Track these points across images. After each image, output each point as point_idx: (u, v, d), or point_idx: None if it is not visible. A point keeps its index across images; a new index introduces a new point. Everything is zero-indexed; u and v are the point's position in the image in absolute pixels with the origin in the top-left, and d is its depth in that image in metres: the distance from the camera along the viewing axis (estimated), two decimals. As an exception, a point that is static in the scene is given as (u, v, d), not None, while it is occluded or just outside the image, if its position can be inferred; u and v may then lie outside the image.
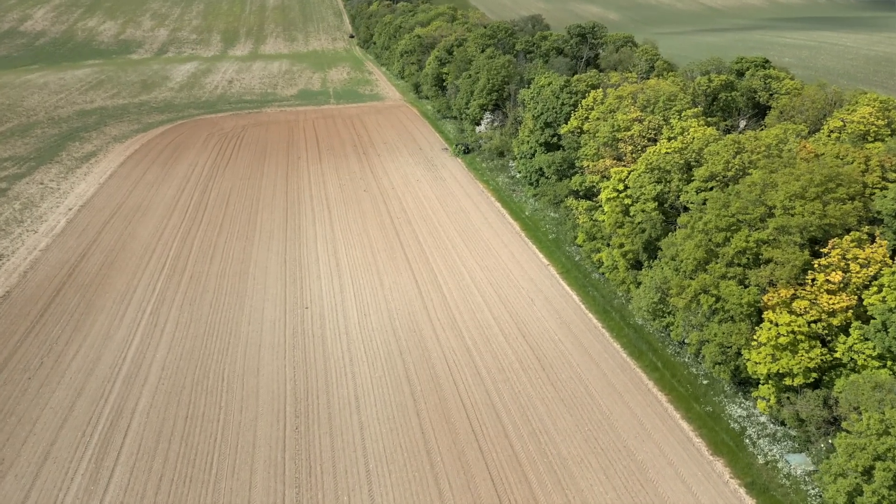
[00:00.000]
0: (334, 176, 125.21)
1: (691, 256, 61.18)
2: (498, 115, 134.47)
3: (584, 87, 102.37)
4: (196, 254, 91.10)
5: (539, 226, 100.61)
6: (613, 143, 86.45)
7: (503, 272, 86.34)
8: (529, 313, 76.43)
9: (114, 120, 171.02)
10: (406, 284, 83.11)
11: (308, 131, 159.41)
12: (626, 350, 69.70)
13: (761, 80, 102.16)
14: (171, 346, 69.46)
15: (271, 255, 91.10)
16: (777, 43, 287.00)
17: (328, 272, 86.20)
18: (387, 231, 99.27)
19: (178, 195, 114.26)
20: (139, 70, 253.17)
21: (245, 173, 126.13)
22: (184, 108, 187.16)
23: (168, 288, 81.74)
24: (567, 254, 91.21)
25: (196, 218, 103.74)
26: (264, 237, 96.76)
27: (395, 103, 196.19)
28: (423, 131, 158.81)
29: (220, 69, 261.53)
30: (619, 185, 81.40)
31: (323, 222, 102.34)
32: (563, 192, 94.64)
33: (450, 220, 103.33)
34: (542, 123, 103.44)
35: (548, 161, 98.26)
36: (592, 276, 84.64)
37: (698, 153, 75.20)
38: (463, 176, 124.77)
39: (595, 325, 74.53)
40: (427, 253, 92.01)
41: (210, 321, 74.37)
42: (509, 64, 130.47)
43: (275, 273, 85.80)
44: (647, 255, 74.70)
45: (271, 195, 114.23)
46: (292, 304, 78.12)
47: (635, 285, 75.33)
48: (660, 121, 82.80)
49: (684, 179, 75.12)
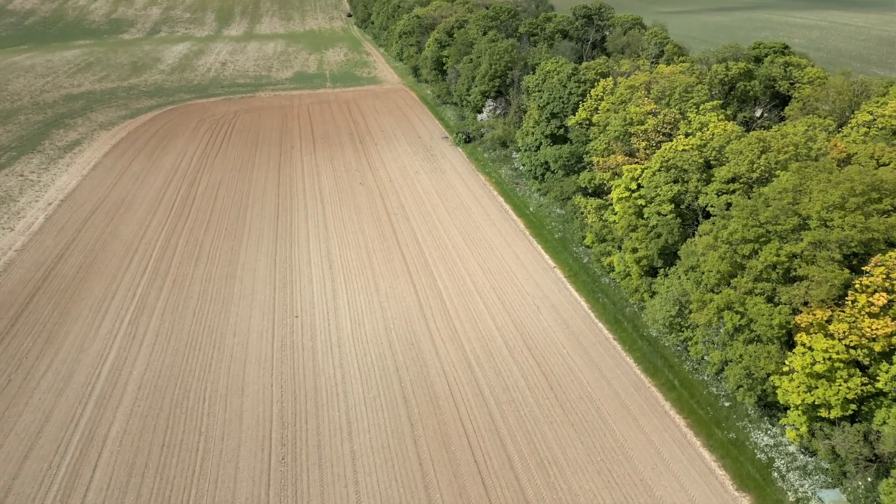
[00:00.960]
0: (329, 167, 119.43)
1: (714, 269, 55.88)
2: (500, 103, 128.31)
3: (593, 75, 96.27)
4: (181, 254, 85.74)
5: (544, 223, 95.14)
6: (625, 138, 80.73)
7: (507, 275, 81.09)
8: (535, 323, 71.31)
9: (101, 105, 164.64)
10: (403, 289, 77.92)
11: (302, 118, 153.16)
12: (640, 366, 64.68)
13: (781, 68, 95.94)
14: (149, 362, 64.40)
15: (260, 255, 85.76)
16: (786, 23, 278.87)
17: (320, 275, 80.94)
18: (383, 229, 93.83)
19: (164, 188, 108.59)
20: (130, 51, 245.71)
21: (235, 164, 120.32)
22: (174, 93, 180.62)
23: (149, 294, 76.52)
24: (574, 255, 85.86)
25: (182, 214, 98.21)
26: (253, 235, 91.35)
27: (393, 87, 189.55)
28: (422, 118, 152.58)
29: (214, 50, 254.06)
30: (631, 183, 75.85)
31: (316, 219, 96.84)
32: (570, 188, 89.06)
33: (450, 217, 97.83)
34: (547, 114, 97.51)
35: (554, 155, 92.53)
36: (602, 281, 79.38)
37: (719, 151, 69.56)
38: (464, 167, 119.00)
39: (606, 336, 69.44)
40: (426, 253, 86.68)
41: (193, 332, 69.25)
42: (512, 48, 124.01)
43: (264, 276, 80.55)
44: (662, 262, 69.41)
45: (262, 188, 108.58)
46: (281, 312, 72.97)
47: (650, 294, 70.12)
48: (676, 114, 76.96)
49: (703, 180, 69.56)
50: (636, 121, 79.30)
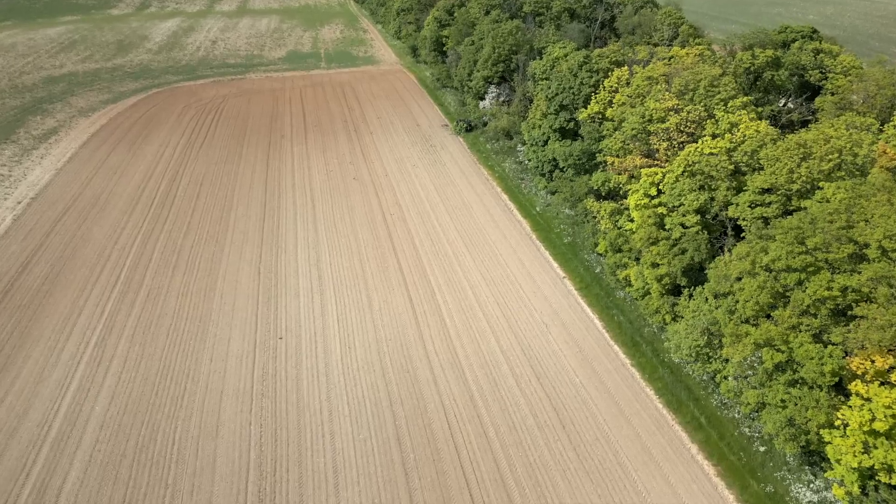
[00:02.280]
0: (321, 159, 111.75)
1: (753, 299, 48.92)
2: (504, 89, 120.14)
3: (606, 64, 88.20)
4: (157, 263, 78.66)
5: (552, 226, 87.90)
6: (643, 137, 73.23)
7: (512, 287, 74.16)
8: (544, 345, 64.55)
9: (82, 88, 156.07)
10: (399, 304, 71.04)
11: (294, 103, 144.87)
12: (662, 398, 58.04)
13: (811, 56, 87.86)
14: (114, 394, 57.72)
15: (243, 264, 78.70)
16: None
17: (308, 287, 73.98)
18: (378, 232, 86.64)
19: (143, 184, 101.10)
20: (117, 28, 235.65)
21: (221, 156, 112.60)
22: (161, 74, 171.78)
23: (119, 310, 69.62)
24: (586, 263, 78.81)
25: (161, 215, 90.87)
26: (237, 240, 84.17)
27: (390, 68, 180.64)
28: (420, 103, 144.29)
29: (204, 27, 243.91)
30: (651, 189, 68.67)
31: (305, 221, 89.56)
32: (581, 190, 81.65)
33: (450, 218, 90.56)
34: (556, 106, 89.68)
35: (564, 152, 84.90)
36: (616, 295, 72.46)
37: (751, 156, 62.19)
38: (465, 160, 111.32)
39: (622, 361, 62.72)
40: (424, 261, 79.64)
41: (165, 357, 62.49)
42: (517, 31, 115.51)
43: (246, 288, 73.59)
44: (687, 279, 62.41)
45: (249, 184, 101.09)
46: (264, 333, 66.17)
47: (672, 316, 63.23)
48: (701, 112, 69.34)
49: (733, 188, 62.34)
50: (656, 118, 71.74)
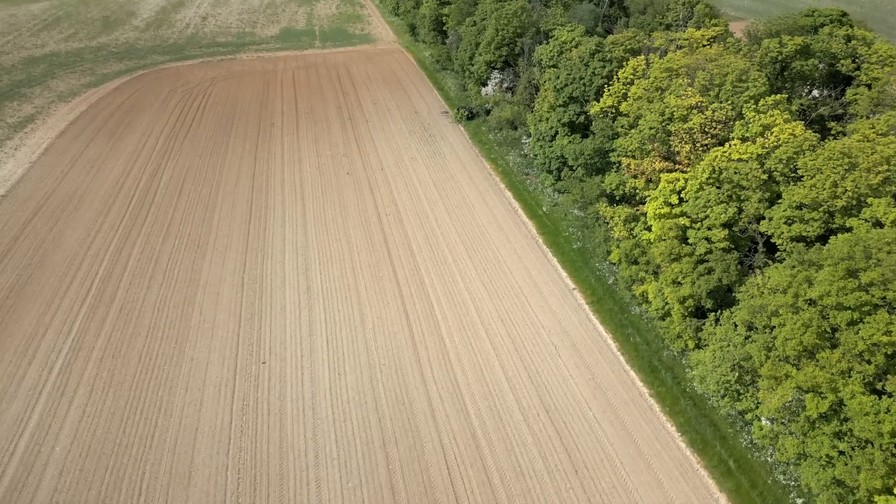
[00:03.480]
0: (313, 150, 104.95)
1: (795, 338, 42.88)
2: (508, 74, 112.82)
3: (620, 52, 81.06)
4: (132, 272, 72.53)
5: (560, 228, 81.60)
6: (663, 137, 66.57)
7: (517, 301, 68.16)
8: (553, 371, 58.74)
9: (63, 70, 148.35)
10: (394, 321, 65.11)
11: (286, 86, 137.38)
12: (685, 436, 52.37)
13: (842, 42, 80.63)
14: (77, 432, 52.01)
15: (226, 273, 72.58)
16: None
17: (295, 301, 67.98)
18: (372, 235, 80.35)
19: (122, 179, 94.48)
20: (103, 3, 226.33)
21: (206, 147, 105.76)
22: (147, 54, 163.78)
23: (88, 328, 63.67)
24: (597, 273, 72.70)
25: (139, 215, 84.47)
26: (220, 245, 77.92)
27: (388, 47, 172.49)
28: (419, 87, 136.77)
29: (195, 2, 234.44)
30: (671, 196, 62.27)
31: (294, 222, 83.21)
32: (592, 192, 75.15)
33: (450, 219, 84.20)
34: (565, 98, 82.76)
35: (574, 151, 78.18)
36: (632, 311, 66.47)
37: (787, 164, 55.68)
38: (466, 152, 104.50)
39: (640, 390, 56.94)
40: (422, 269, 73.54)
41: (136, 385, 56.71)
42: (522, 12, 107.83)
43: (228, 303, 67.59)
44: (713, 301, 56.35)
45: (235, 180, 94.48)
46: (246, 356, 60.32)
47: (695, 341, 57.29)
48: (728, 111, 62.63)
49: (766, 200, 55.97)
50: (677, 116, 65.00)
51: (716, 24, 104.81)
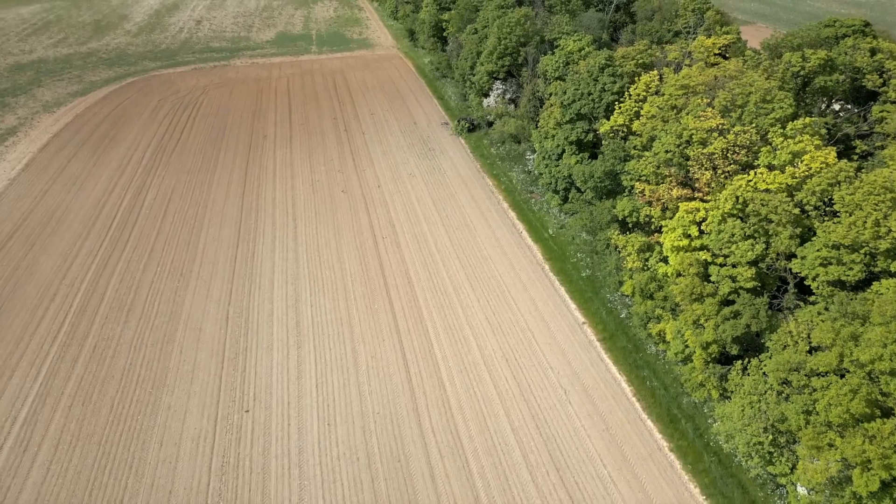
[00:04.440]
0: (306, 165, 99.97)
1: (841, 406, 37.92)
2: (511, 85, 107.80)
3: (631, 66, 76.05)
4: (109, 304, 67.59)
5: (568, 253, 76.65)
6: (681, 161, 61.57)
7: (523, 337, 63.20)
8: (563, 420, 53.77)
9: (51, 78, 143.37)
10: (390, 361, 60.15)
11: (280, 95, 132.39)
12: (710, 499, 47.42)
13: (867, 55, 75.57)
14: (38, 496, 47.07)
15: (210, 305, 67.63)
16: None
17: (283, 338, 63.01)
18: (367, 261, 75.40)
19: (104, 198, 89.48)
20: (95, 7, 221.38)
21: (195, 163, 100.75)
22: (137, 60, 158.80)
23: (58, 371, 58.73)
24: (608, 305, 67.74)
25: (120, 238, 79.51)
26: (205, 273, 72.98)
27: (386, 52, 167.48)
28: (418, 96, 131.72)
29: (189, 4, 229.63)
30: (691, 228, 57.29)
31: (285, 246, 78.25)
32: (603, 217, 70.17)
33: (450, 242, 79.24)
34: (573, 114, 77.77)
35: (583, 173, 73.17)
36: (647, 350, 61.51)
37: (820, 197, 50.73)
38: (467, 167, 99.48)
39: (658, 443, 51.99)
40: (420, 300, 68.59)
41: (106, 439, 51.76)
42: (526, 20, 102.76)
43: (211, 341, 62.63)
44: (739, 346, 51.37)
45: (223, 198, 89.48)
46: (227, 403, 55.37)
47: (719, 391, 52.30)
48: (752, 135, 57.61)
49: (797, 236, 50.98)
50: (696, 140, 60.03)
51: (727, 32, 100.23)
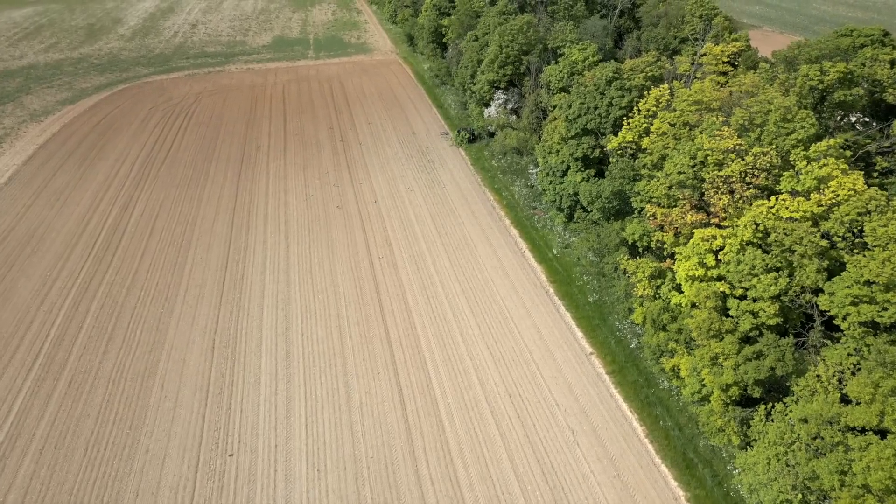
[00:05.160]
0: (300, 179, 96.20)
1: (884, 470, 34.16)
2: (513, 95, 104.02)
3: (640, 79, 72.28)
4: (88, 333, 63.83)
5: (573, 275, 72.89)
6: (695, 183, 57.81)
7: (528, 370, 59.41)
8: (571, 466, 50.00)
9: (40, 85, 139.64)
10: (385, 398, 56.36)
11: (275, 103, 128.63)
12: (731, 558, 43.73)
13: (887, 67, 71.85)
14: (1, 555, 43.48)
15: (195, 333, 63.87)
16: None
17: (272, 371, 59.25)
18: (363, 284, 71.63)
19: (89, 214, 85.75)
20: (89, 10, 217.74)
21: (185, 175, 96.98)
22: (130, 66, 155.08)
23: (31, 409, 54.98)
24: (617, 334, 63.97)
25: (103, 260, 75.78)
26: (191, 297, 69.22)
27: (385, 58, 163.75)
28: (417, 104, 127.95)
29: (185, 7, 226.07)
30: (707, 256, 53.52)
31: (276, 268, 74.49)
32: (611, 240, 66.39)
33: (450, 263, 75.49)
34: (578, 129, 73.99)
35: (589, 193, 69.42)
36: (659, 385, 57.73)
37: (850, 226, 46.98)
38: (467, 180, 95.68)
39: (674, 492, 48.20)
40: (418, 328, 64.83)
41: (78, 489, 47.98)
42: (528, 27, 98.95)
43: (195, 373, 58.86)
44: (761, 388, 47.60)
45: (213, 215, 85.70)
46: (210, 446, 51.61)
47: (740, 437, 48.51)
48: (773, 157, 53.83)
49: (824, 269, 47.20)
50: (711, 161, 56.25)
51: (736, 39, 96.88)
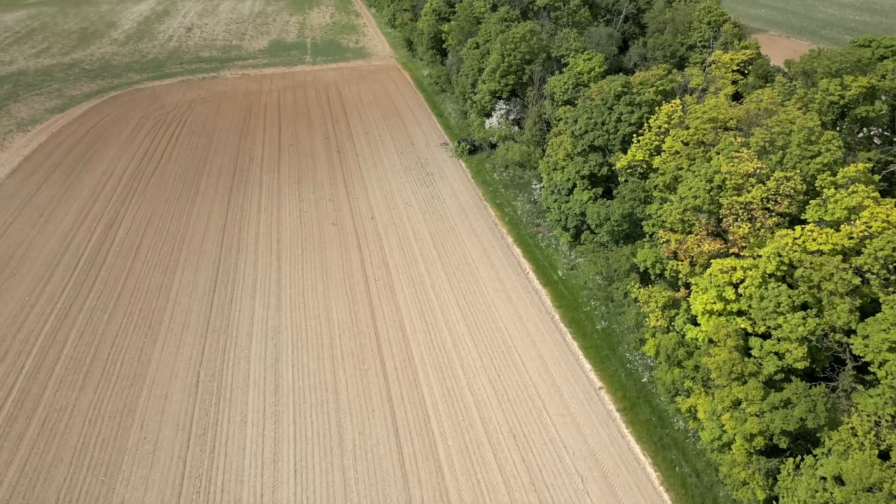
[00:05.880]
0: (294, 193, 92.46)
1: (935, 552, 30.42)
2: (515, 105, 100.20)
3: (651, 94, 68.49)
4: (65, 365, 60.11)
5: (580, 300, 69.16)
6: (711, 208, 54.01)
7: (533, 408, 55.63)
8: (580, 518, 46.31)
9: (29, 92, 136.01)
10: (380, 441, 52.59)
11: (270, 111, 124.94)
12: None
13: (911, 80, 68.00)
14: None
15: (179, 366, 60.11)
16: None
17: (260, 408, 55.49)
18: (358, 310, 67.88)
19: (72, 232, 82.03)
20: (83, 14, 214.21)
21: (174, 190, 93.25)
22: (122, 72, 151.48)
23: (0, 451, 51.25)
24: (628, 366, 60.21)
25: (85, 282, 72.09)
26: (175, 325, 65.47)
27: (383, 63, 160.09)
28: (416, 112, 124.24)
29: (181, 11, 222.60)
30: (726, 290, 49.72)
31: (267, 292, 70.75)
32: (621, 265, 62.60)
33: (450, 285, 71.74)
34: (585, 145, 70.26)
35: (598, 215, 65.62)
36: (674, 425, 53.97)
37: (885, 262, 43.19)
38: (468, 194, 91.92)
39: (692, 549, 44.51)
40: (416, 360, 61.07)
41: (47, 544, 44.39)
42: (531, 35, 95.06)
43: (177, 411, 55.10)
44: (789, 438, 43.82)
45: (202, 233, 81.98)
46: (190, 494, 47.79)
47: (766, 492, 44.70)
48: (797, 182, 50.04)
49: (856, 308, 43.41)
50: (730, 185, 52.44)
51: (746, 47, 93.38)
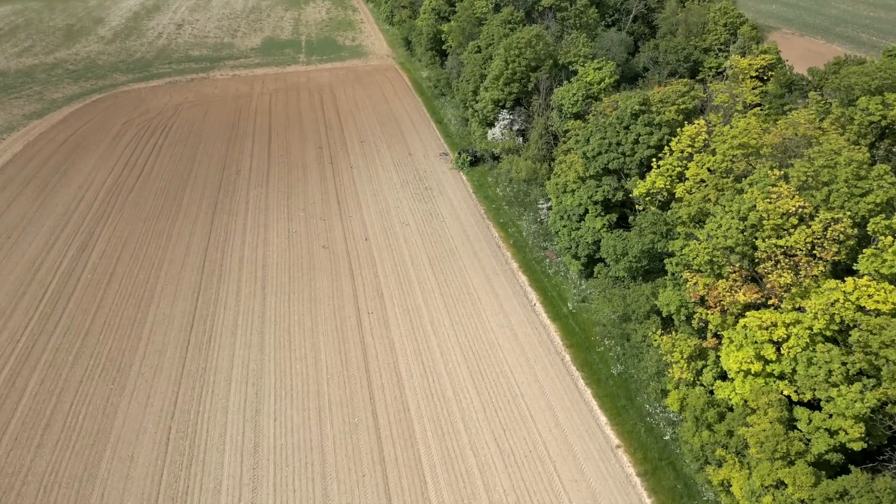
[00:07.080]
0: (283, 210, 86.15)
1: None
2: (520, 114, 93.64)
3: (672, 113, 62.01)
4: (22, 419, 54.01)
5: (592, 338, 63.05)
6: (746, 251, 47.81)
7: (544, 472, 49.63)
8: None
9: (8, 95, 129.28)
10: (372, 510, 46.71)
11: (261, 117, 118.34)
12: None
13: (954, 96, 61.62)
14: None
15: (149, 419, 54.02)
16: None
17: (236, 473, 49.45)
18: (349, 350, 61.77)
19: (41, 257, 75.79)
20: (70, 9, 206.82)
21: (154, 207, 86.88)
22: (107, 73, 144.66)
23: (-60, 529, 45.45)
24: (648, 420, 54.14)
25: (51, 317, 65.91)
26: (147, 368, 59.36)
27: (381, 63, 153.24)
28: (414, 118, 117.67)
29: (171, 5, 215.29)
30: (765, 348, 43.61)
31: (249, 328, 64.60)
32: (640, 307, 56.37)
33: (450, 321, 65.63)
34: (599, 168, 63.97)
35: (613, 249, 59.28)
36: (702, 496, 47.97)
37: (956, 330, 37.04)
38: (469, 213, 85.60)
39: None
40: (412, 412, 55.00)
41: None
42: (537, 41, 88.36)
43: (142, 477, 49.04)
44: (839, 532, 37.89)
45: (182, 258, 75.73)
46: (156, 585, 42.01)
47: (815, 592, 38.80)
48: (847, 225, 43.83)
49: (923, 381, 37.32)
50: (768, 226, 46.21)
51: (765, 51, 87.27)
